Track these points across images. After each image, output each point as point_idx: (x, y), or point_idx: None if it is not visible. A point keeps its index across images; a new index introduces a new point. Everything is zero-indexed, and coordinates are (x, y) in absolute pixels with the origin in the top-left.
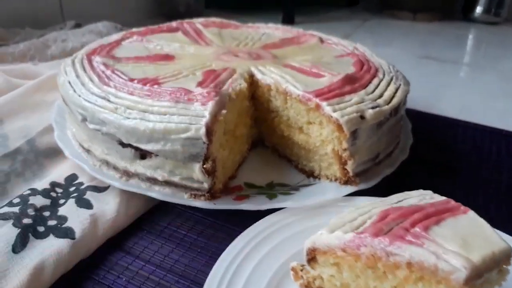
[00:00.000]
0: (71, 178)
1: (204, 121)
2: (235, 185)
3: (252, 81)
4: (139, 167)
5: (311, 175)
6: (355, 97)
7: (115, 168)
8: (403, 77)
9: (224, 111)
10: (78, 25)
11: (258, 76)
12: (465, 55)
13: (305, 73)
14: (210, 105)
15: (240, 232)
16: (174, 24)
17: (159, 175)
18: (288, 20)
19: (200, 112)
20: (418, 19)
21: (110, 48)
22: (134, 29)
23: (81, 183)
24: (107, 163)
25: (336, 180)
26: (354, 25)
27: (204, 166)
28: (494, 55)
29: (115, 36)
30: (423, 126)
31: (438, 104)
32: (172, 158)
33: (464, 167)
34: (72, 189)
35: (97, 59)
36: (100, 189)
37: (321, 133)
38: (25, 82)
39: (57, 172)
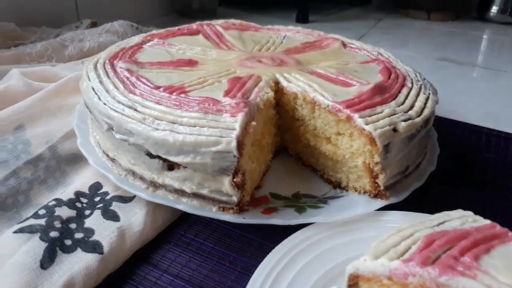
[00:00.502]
0: (96, 187)
1: (234, 134)
2: (261, 196)
3: (278, 89)
4: (167, 178)
5: (338, 186)
6: (386, 109)
7: (142, 178)
8: (431, 86)
9: (254, 123)
10: (94, 24)
11: (284, 83)
12: (483, 57)
13: (332, 81)
14: (240, 116)
15: (269, 247)
16: (194, 26)
17: (187, 188)
18: (303, 19)
19: (230, 124)
20: (433, 18)
21: (132, 52)
22: (154, 31)
23: (106, 193)
24: (133, 173)
25: (365, 193)
26: (368, 25)
27: (235, 180)
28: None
29: (136, 39)
30: (446, 133)
31: (459, 109)
32: (201, 171)
33: (490, 178)
34: (97, 199)
35: (120, 65)
36: (126, 199)
37: (351, 145)
38: (45, 85)
39: (81, 180)
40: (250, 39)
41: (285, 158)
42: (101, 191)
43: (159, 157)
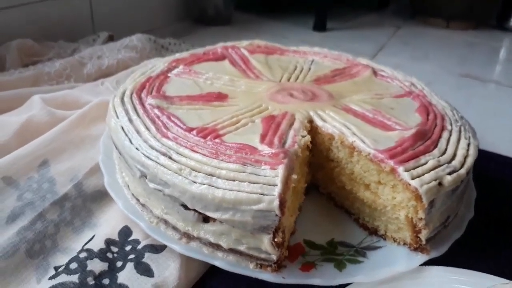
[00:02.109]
0: (125, 232)
1: (277, 191)
2: (295, 243)
3: (312, 127)
4: (202, 231)
5: (374, 233)
6: (430, 159)
7: (175, 228)
8: (469, 126)
9: (294, 177)
10: (111, 37)
11: (319, 123)
12: (507, 73)
13: (370, 122)
14: (281, 171)
15: None
16: (219, 50)
17: (224, 243)
18: (321, 27)
19: (271, 179)
20: (452, 27)
21: (160, 83)
22: (177, 55)
23: (137, 241)
24: (165, 221)
25: (404, 244)
26: (386, 33)
27: (276, 240)
28: None
29: (161, 65)
30: (477, 167)
31: (488, 137)
32: (240, 227)
33: None
34: (128, 248)
35: (149, 101)
36: (157, 248)
37: (393, 197)
38: (68, 114)
39: (110, 224)
40: (277, 64)
41: (316, 197)
42: (132, 238)
43: (195, 210)
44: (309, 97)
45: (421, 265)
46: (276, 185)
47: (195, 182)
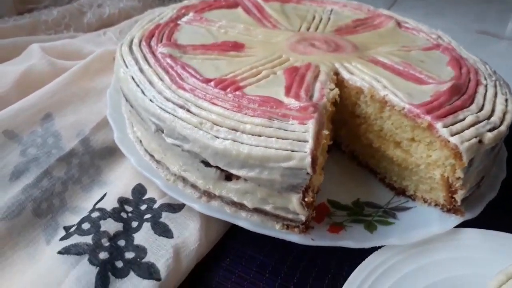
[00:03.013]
0: (139, 191)
1: (308, 148)
2: (318, 203)
3: (337, 80)
4: (224, 190)
5: (402, 193)
6: (469, 115)
7: (194, 186)
8: (504, 82)
9: (325, 132)
10: None
11: (345, 75)
12: None
13: (401, 75)
14: (311, 126)
15: (337, 270)
16: None
17: (248, 202)
18: None
19: (301, 134)
20: None
21: (170, 31)
22: (186, 2)
23: (153, 200)
24: (183, 179)
25: (436, 205)
26: None
27: (306, 199)
28: None
29: (169, 12)
30: None
31: None
32: (267, 186)
33: None
34: (143, 207)
35: (161, 49)
36: (175, 207)
37: (428, 155)
38: (69, 64)
39: (122, 182)
40: (294, 13)
41: (338, 155)
42: (147, 196)
43: (217, 167)
44: (333, 48)
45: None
46: (307, 141)
47: (218, 137)
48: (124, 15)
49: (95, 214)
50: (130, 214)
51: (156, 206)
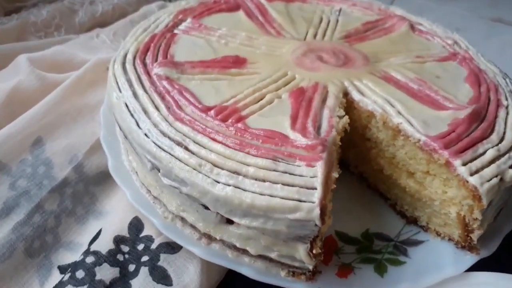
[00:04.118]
0: (136, 226)
1: (316, 197)
2: (326, 236)
3: (347, 102)
4: (226, 235)
5: (413, 222)
6: (489, 148)
7: (193, 226)
8: None
9: (335, 175)
10: None
11: (355, 96)
12: None
13: (416, 97)
14: (319, 169)
15: None
16: None
17: (251, 249)
18: None
19: (309, 180)
20: None
21: (166, 45)
22: (184, 4)
23: (150, 238)
24: (181, 218)
25: (449, 239)
26: None
27: (314, 251)
28: None
29: (165, 18)
30: None
31: None
32: (271, 235)
33: None
34: (140, 247)
35: (157, 70)
36: (174, 247)
37: (444, 191)
38: (60, 78)
39: (115, 213)
40: (300, 16)
41: (346, 176)
42: (144, 234)
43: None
44: (342, 61)
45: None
46: (315, 189)
47: (218, 182)
48: (118, 11)
49: (90, 259)
50: (127, 256)
51: (154, 246)
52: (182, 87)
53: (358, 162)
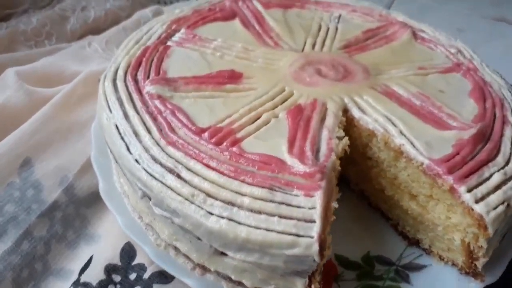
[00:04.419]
0: (127, 253)
1: (315, 231)
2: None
3: (347, 120)
4: (220, 266)
5: (415, 244)
6: (494, 172)
7: (187, 256)
8: None
9: (335, 205)
10: None
11: (356, 114)
12: None
13: (419, 115)
14: (318, 200)
15: None
16: (227, 3)
17: (248, 281)
18: None
19: (307, 212)
20: None
21: (159, 59)
22: (177, 12)
23: (143, 267)
24: (175, 247)
25: (453, 265)
26: None
27: (312, 286)
28: None
29: (158, 29)
30: None
31: None
32: (267, 270)
33: None
34: (132, 276)
35: (149, 89)
36: (167, 276)
37: (448, 216)
38: (49, 93)
39: (107, 239)
40: (298, 23)
41: (346, 194)
42: (136, 261)
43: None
44: (341, 75)
45: None
46: (314, 221)
47: (212, 214)
48: (111, 17)
49: None
50: (118, 286)
51: (146, 276)
52: (175, 107)
53: (359, 180)
